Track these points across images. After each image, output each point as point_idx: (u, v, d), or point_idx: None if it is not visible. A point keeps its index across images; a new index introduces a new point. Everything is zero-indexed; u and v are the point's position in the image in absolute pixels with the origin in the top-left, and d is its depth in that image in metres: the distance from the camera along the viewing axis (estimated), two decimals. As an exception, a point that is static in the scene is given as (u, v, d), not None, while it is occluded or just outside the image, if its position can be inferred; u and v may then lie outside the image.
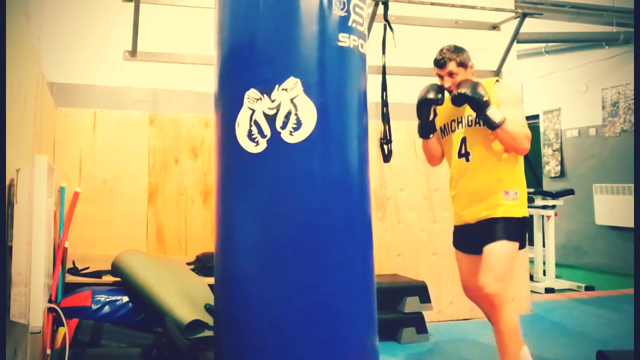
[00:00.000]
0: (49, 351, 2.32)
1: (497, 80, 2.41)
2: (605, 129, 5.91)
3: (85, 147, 3.14)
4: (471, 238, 2.38)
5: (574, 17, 5.21)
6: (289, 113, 1.83)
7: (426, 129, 2.46)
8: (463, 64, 2.38)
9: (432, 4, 3.55)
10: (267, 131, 1.84)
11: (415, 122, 2.73)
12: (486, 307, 2.39)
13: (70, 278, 2.79)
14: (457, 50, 2.40)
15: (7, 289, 1.48)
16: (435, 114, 2.43)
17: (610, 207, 5.68)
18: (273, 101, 1.84)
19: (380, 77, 3.40)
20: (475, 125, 2.34)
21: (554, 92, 6.50)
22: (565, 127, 6.39)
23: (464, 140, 2.38)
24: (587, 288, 4.72)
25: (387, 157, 3.45)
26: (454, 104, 2.32)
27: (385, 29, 3.36)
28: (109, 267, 2.69)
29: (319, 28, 1.87)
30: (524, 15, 3.69)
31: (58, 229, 2.79)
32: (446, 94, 2.41)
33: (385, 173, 3.67)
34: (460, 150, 2.39)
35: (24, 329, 1.65)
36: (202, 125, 3.34)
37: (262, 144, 1.84)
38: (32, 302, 1.47)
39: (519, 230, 2.29)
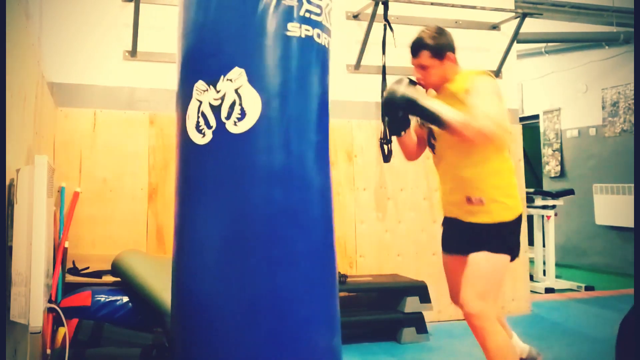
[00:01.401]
0: (49, 351, 2.32)
1: (481, 73, 2.10)
2: (605, 129, 5.91)
3: (85, 147, 3.14)
4: (454, 236, 2.19)
5: (574, 17, 5.21)
6: (233, 103, 1.81)
7: (398, 125, 2.20)
8: (438, 53, 2.07)
9: (432, 4, 3.55)
10: (212, 122, 1.82)
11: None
12: None
13: (70, 278, 2.79)
14: (435, 35, 2.09)
15: (7, 289, 1.48)
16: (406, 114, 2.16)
17: (610, 207, 5.68)
18: (218, 92, 1.83)
19: (380, 77, 3.41)
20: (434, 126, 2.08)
21: (554, 92, 6.50)
22: (565, 127, 6.39)
23: (430, 132, 2.19)
24: (587, 288, 4.72)
25: (387, 157, 3.44)
26: (384, 114, 2.09)
27: (385, 29, 3.36)
28: (109, 267, 2.69)
29: (266, 17, 1.84)
30: (524, 15, 3.69)
31: (58, 229, 2.79)
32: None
33: (385, 173, 3.67)
34: (429, 141, 2.21)
35: (24, 329, 1.65)
36: (202, 125, 3.34)
37: (208, 135, 1.83)
38: (32, 302, 1.46)
39: (503, 239, 2.00)
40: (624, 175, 5.56)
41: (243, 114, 1.81)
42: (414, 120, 2.27)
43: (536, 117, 6.75)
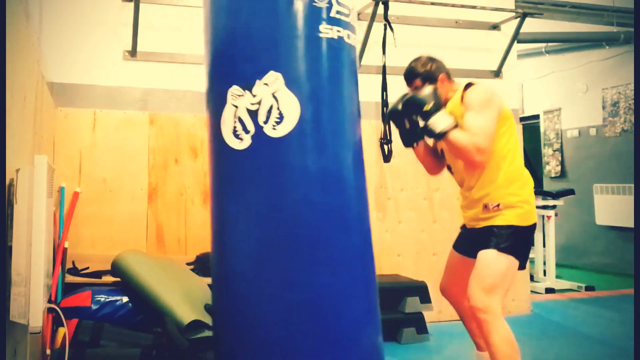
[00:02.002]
0: (48, 351, 2.32)
1: (470, 84, 2.13)
2: (605, 128, 5.91)
3: (85, 147, 3.14)
4: (467, 240, 2.26)
5: (574, 17, 5.21)
6: (270, 107, 1.81)
7: (406, 137, 2.27)
8: (429, 78, 2.18)
9: (432, 3, 3.55)
10: (250, 127, 1.82)
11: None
12: (463, 313, 2.30)
13: (70, 278, 2.79)
14: (425, 62, 2.22)
15: (6, 289, 1.48)
16: (413, 122, 2.17)
17: (610, 207, 5.68)
18: (255, 96, 1.82)
19: (380, 77, 3.40)
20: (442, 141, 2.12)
21: (555, 92, 6.49)
22: (566, 127, 6.38)
23: (442, 153, 2.27)
24: (588, 288, 4.72)
25: (387, 157, 3.44)
26: (401, 115, 2.16)
27: (385, 29, 3.36)
28: (108, 267, 2.68)
29: (299, 20, 1.85)
30: (524, 15, 3.69)
31: (58, 229, 2.79)
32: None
33: (385, 173, 3.66)
34: (445, 161, 2.29)
35: (23, 329, 1.65)
36: (202, 125, 3.34)
37: (247, 140, 1.83)
38: (31, 302, 1.46)
39: (512, 242, 2.03)
40: (625, 176, 5.56)
41: (281, 117, 1.80)
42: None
43: (536, 117, 6.75)
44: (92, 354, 2.17)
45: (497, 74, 3.88)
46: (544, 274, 4.97)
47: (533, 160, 6.53)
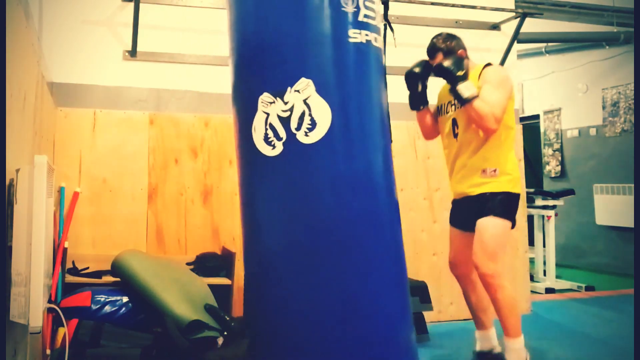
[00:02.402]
0: (48, 351, 2.32)
1: (489, 64, 2.47)
2: (605, 129, 5.91)
3: (85, 147, 3.14)
4: (462, 213, 2.51)
5: (574, 17, 5.20)
6: (302, 114, 1.82)
7: (415, 100, 2.55)
8: (451, 52, 2.45)
9: (432, 3, 3.54)
10: (282, 134, 1.84)
11: (415, 122, 2.75)
12: (467, 286, 2.57)
13: (70, 278, 2.79)
14: (446, 38, 2.50)
15: (6, 289, 1.48)
16: (424, 86, 2.51)
17: (610, 207, 5.68)
18: (286, 103, 1.83)
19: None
20: (463, 107, 2.40)
21: (555, 92, 6.49)
22: (566, 127, 6.38)
23: (454, 121, 2.47)
24: (588, 288, 4.71)
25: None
26: (435, 75, 2.41)
27: (385, 29, 3.35)
28: (108, 268, 2.69)
29: (328, 26, 1.85)
30: (524, 15, 3.68)
31: (58, 229, 2.79)
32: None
33: (385, 173, 3.66)
34: (453, 130, 2.49)
35: (23, 329, 1.65)
36: (202, 125, 3.34)
37: (279, 147, 1.84)
38: (31, 302, 1.46)
39: (506, 206, 2.34)
40: (625, 175, 5.56)
41: (313, 124, 1.82)
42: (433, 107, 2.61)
43: (536, 117, 6.75)
44: (92, 354, 2.17)
45: (497, 74, 3.87)
46: (544, 274, 4.97)
47: (533, 160, 6.53)
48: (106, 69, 3.22)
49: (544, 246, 4.99)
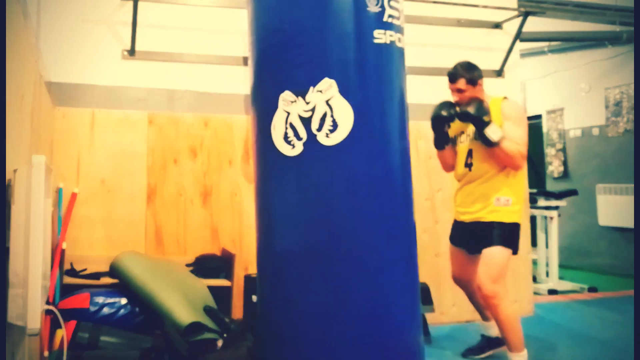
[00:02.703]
0: (46, 353, 2.30)
1: (505, 98, 2.59)
2: (608, 128, 5.88)
3: (83, 147, 3.12)
4: (466, 236, 2.64)
5: (576, 16, 5.18)
6: (324, 115, 1.79)
7: (441, 141, 2.68)
8: (472, 81, 2.54)
9: (434, 2, 3.52)
10: (303, 134, 1.81)
11: (417, 122, 2.76)
12: (471, 290, 2.71)
13: (68, 280, 2.78)
14: (469, 68, 2.57)
15: (4, 291, 1.46)
16: (448, 127, 2.65)
17: (613, 208, 5.65)
18: (308, 103, 1.81)
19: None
20: (479, 139, 2.51)
21: (557, 91, 6.47)
22: (568, 127, 6.36)
23: (470, 153, 2.59)
24: (590, 289, 4.69)
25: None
26: (459, 120, 2.49)
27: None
28: (107, 269, 2.67)
29: (353, 26, 1.82)
30: (526, 14, 3.66)
31: (56, 230, 2.77)
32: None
33: (386, 173, 3.64)
34: (466, 160, 2.61)
35: (21, 331, 1.63)
36: (201, 125, 3.31)
37: (299, 147, 1.82)
38: (29, 304, 1.45)
39: (513, 237, 2.51)
40: (627, 176, 5.54)
41: (335, 125, 1.79)
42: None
43: (539, 117, 6.72)
44: (91, 356, 2.15)
45: (499, 73, 3.85)
46: (547, 275, 4.95)
47: (536, 161, 6.50)
48: (105, 69, 3.20)
49: (547, 247, 4.97)
